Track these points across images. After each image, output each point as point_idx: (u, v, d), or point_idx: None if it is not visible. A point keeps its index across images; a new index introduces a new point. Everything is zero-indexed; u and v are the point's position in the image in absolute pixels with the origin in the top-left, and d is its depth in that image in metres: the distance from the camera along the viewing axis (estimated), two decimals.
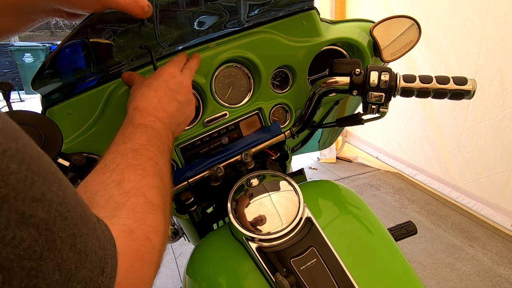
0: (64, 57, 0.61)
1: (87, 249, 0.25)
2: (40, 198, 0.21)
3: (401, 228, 1.01)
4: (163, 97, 0.58)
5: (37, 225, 0.21)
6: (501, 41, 1.86)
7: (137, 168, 0.43)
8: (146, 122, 0.52)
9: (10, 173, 0.19)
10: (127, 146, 0.46)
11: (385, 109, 0.69)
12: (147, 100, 0.56)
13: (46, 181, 0.22)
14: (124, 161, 0.44)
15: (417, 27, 0.83)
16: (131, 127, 0.51)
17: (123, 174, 0.41)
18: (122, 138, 0.48)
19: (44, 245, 0.21)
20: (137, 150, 0.46)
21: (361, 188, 2.81)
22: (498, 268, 1.95)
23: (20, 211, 0.20)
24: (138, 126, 0.51)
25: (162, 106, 0.57)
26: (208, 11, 0.77)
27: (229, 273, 0.66)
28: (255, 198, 0.69)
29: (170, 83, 0.60)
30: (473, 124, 2.13)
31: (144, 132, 0.50)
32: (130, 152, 0.45)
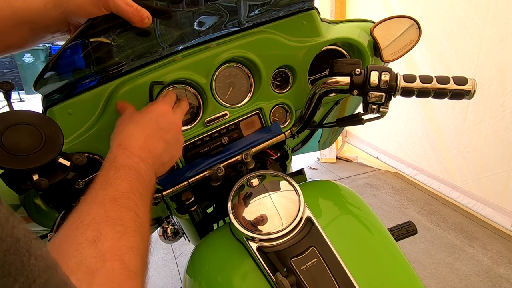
0: (66, 58, 0.61)
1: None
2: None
3: (401, 228, 1.01)
4: (150, 135, 0.56)
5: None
6: (501, 41, 1.86)
7: (116, 224, 0.39)
8: (129, 163, 0.49)
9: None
10: (107, 193, 0.43)
11: (386, 109, 0.70)
12: (133, 138, 0.54)
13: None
14: (102, 214, 0.40)
15: (417, 27, 0.83)
16: (113, 169, 0.48)
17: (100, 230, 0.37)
18: (103, 182, 0.45)
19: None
20: (117, 199, 0.43)
21: (361, 188, 2.81)
22: (498, 268, 1.95)
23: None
24: (121, 168, 0.48)
25: (147, 146, 0.54)
26: (208, 11, 0.77)
27: (229, 273, 0.67)
28: (256, 198, 0.69)
29: (161, 122, 0.58)
30: (473, 124, 2.13)
31: (126, 176, 0.47)
32: (109, 201, 0.42)
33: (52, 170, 0.53)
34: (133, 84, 0.68)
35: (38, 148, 0.49)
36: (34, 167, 0.48)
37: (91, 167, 0.70)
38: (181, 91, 0.74)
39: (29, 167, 0.48)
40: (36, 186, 0.48)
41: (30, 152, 0.48)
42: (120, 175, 0.47)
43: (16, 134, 0.48)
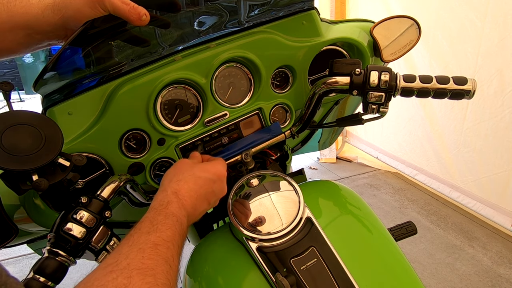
0: (65, 58, 0.61)
1: None
2: None
3: (401, 228, 1.01)
4: (202, 196, 0.59)
5: None
6: (500, 41, 1.86)
7: (148, 274, 0.41)
8: (179, 214, 0.53)
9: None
10: (150, 238, 0.45)
11: (385, 109, 0.70)
12: (189, 192, 0.57)
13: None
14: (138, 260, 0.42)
15: (417, 27, 0.83)
16: (163, 215, 0.51)
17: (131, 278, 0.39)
18: (149, 225, 0.48)
19: None
20: (158, 246, 0.45)
21: (361, 188, 2.81)
22: (498, 268, 1.95)
23: None
24: (170, 217, 0.51)
25: (196, 204, 0.58)
26: (208, 11, 0.77)
27: (229, 273, 0.67)
28: (255, 198, 0.69)
29: (215, 186, 0.62)
30: (472, 124, 2.13)
31: (172, 226, 0.49)
32: (149, 247, 0.44)
33: (52, 170, 0.53)
34: (133, 84, 0.68)
35: (37, 148, 0.49)
36: (34, 167, 0.48)
37: (91, 167, 0.70)
38: (181, 91, 0.74)
39: (29, 168, 0.48)
40: (36, 186, 0.48)
41: (30, 153, 0.48)
42: (167, 223, 0.49)
43: (15, 134, 0.48)
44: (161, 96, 0.71)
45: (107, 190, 0.60)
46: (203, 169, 0.63)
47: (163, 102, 0.72)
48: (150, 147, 0.73)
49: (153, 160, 0.73)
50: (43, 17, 0.54)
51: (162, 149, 0.74)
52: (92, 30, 0.58)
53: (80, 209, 0.55)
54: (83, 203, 0.56)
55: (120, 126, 0.69)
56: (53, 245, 0.52)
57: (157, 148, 0.73)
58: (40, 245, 0.92)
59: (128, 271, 0.39)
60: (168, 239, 0.47)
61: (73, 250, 0.53)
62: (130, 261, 0.41)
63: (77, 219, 0.54)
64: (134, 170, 0.72)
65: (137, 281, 0.39)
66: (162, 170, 0.76)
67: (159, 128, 0.71)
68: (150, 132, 0.72)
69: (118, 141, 0.70)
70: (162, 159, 0.74)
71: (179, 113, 0.74)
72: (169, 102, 0.73)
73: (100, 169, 0.71)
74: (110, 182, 0.61)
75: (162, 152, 0.74)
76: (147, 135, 0.72)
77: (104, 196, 0.59)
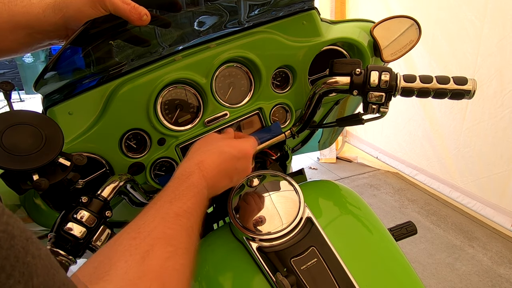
0: (66, 58, 0.61)
1: None
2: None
3: (401, 228, 1.01)
4: (224, 171, 0.59)
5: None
6: (499, 41, 1.86)
7: (169, 243, 0.42)
8: (200, 185, 0.53)
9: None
10: (172, 208, 0.47)
11: (386, 109, 0.70)
12: (212, 165, 0.58)
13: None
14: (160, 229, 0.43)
15: (417, 27, 0.83)
16: (185, 185, 0.52)
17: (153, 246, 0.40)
18: (172, 195, 0.49)
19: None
20: (179, 217, 0.46)
21: (361, 188, 2.81)
22: (498, 268, 1.95)
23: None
24: (192, 188, 0.52)
25: (217, 178, 0.58)
26: (208, 11, 0.77)
27: (229, 273, 0.67)
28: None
29: (239, 164, 0.62)
30: (472, 124, 2.13)
31: (193, 196, 0.50)
32: (171, 217, 0.45)
33: (52, 170, 0.53)
34: (133, 84, 0.68)
35: (38, 148, 0.49)
36: (34, 167, 0.48)
37: (91, 167, 0.70)
38: (181, 91, 0.74)
39: (29, 167, 0.48)
40: (36, 186, 0.48)
41: (30, 152, 0.48)
42: (188, 193, 0.50)
43: (16, 134, 0.48)
44: (161, 96, 0.71)
45: (108, 190, 0.60)
46: (230, 144, 0.63)
47: (163, 102, 0.72)
48: (150, 147, 0.73)
49: (153, 160, 0.73)
50: (44, 17, 0.54)
51: (162, 149, 0.74)
52: (93, 30, 0.58)
53: (81, 209, 0.55)
54: (83, 202, 0.56)
55: (120, 126, 0.69)
56: (54, 245, 0.52)
57: (158, 148, 0.73)
58: None
59: (150, 239, 0.41)
60: (189, 210, 0.48)
61: (74, 249, 0.53)
62: (152, 229, 0.42)
63: (78, 219, 0.54)
64: (134, 170, 0.72)
65: (158, 249, 0.40)
66: (163, 170, 0.76)
67: (160, 128, 0.71)
68: (150, 132, 0.72)
69: (118, 141, 0.70)
70: (162, 159, 0.74)
71: (179, 113, 0.74)
72: (170, 102, 0.73)
73: (100, 169, 0.71)
74: (111, 182, 0.61)
75: (163, 152, 0.74)
76: (147, 135, 0.72)
77: (105, 196, 0.59)
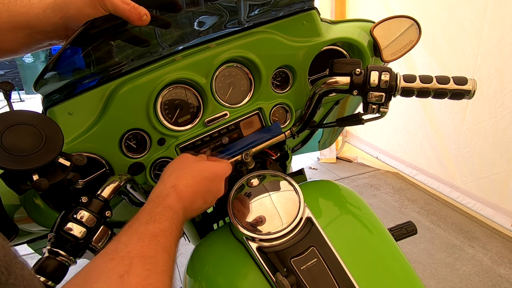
0: (66, 58, 0.61)
1: None
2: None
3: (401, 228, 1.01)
4: (198, 193, 0.60)
5: None
6: (499, 41, 1.86)
7: (148, 262, 0.41)
8: (176, 207, 0.53)
9: None
10: (149, 229, 0.46)
11: (386, 109, 0.70)
12: (187, 187, 0.58)
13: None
14: (138, 248, 0.42)
15: (417, 27, 0.83)
16: (161, 207, 0.52)
17: (131, 265, 0.40)
18: (148, 217, 0.49)
19: None
20: (157, 237, 0.46)
21: (361, 188, 2.81)
22: (498, 268, 1.95)
23: None
24: (168, 209, 0.52)
25: (193, 200, 0.59)
26: (208, 11, 0.77)
27: (229, 273, 0.67)
28: (256, 198, 0.69)
29: (212, 186, 0.63)
30: (472, 124, 2.13)
31: (169, 218, 0.50)
32: (148, 237, 0.45)
33: (52, 170, 0.53)
34: (133, 84, 0.68)
35: (38, 148, 0.49)
36: (34, 167, 0.48)
37: (91, 167, 0.70)
38: (181, 91, 0.74)
39: (29, 168, 0.48)
40: (36, 186, 0.48)
41: (30, 152, 0.48)
42: (165, 215, 0.50)
43: (16, 134, 0.48)
44: (161, 96, 0.71)
45: (108, 190, 0.60)
46: (203, 166, 0.63)
47: (163, 102, 0.72)
48: (150, 147, 0.73)
49: (153, 160, 0.73)
50: (44, 17, 0.54)
51: (162, 149, 0.74)
52: (93, 30, 0.58)
53: (81, 209, 0.55)
54: (83, 203, 0.56)
55: (120, 126, 0.69)
56: (54, 245, 0.52)
57: (157, 148, 0.73)
58: (40, 245, 0.92)
59: (128, 258, 0.40)
60: (166, 229, 0.48)
61: (74, 250, 0.53)
62: (131, 249, 0.42)
63: (78, 219, 0.54)
64: (134, 170, 0.72)
65: (137, 268, 0.39)
66: (162, 170, 0.76)
67: (159, 128, 0.71)
68: (150, 132, 0.72)
69: (118, 141, 0.70)
70: (162, 159, 0.74)
71: (179, 113, 0.74)
72: (169, 102, 0.73)
73: (100, 169, 0.71)
74: (111, 182, 0.61)
75: (163, 152, 0.74)
76: (147, 135, 0.72)
77: (105, 196, 0.59)
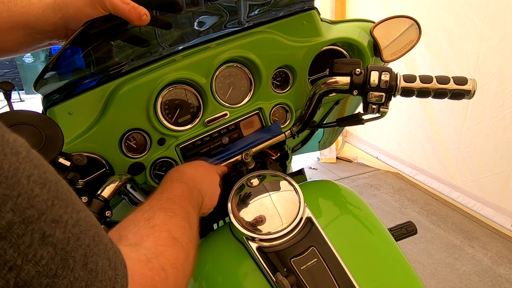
0: (66, 58, 0.61)
1: (98, 268, 0.26)
2: (58, 219, 0.23)
3: (401, 228, 1.01)
4: (199, 176, 0.65)
5: (55, 244, 0.22)
6: (500, 41, 1.86)
7: (168, 211, 0.47)
8: (183, 179, 0.59)
9: (34, 196, 0.22)
10: (164, 195, 0.52)
11: (386, 109, 0.70)
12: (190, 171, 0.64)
13: (64, 204, 0.24)
14: (158, 204, 0.48)
15: (417, 27, 0.83)
16: (169, 181, 0.57)
17: (154, 212, 0.46)
18: (160, 189, 0.55)
19: (58, 264, 0.22)
20: (172, 199, 0.51)
21: (361, 188, 2.81)
22: (498, 268, 1.95)
23: (42, 231, 0.22)
24: (176, 181, 0.58)
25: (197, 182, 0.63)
26: (208, 11, 0.77)
27: (229, 273, 0.67)
28: (256, 198, 0.69)
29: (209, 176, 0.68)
30: (473, 124, 2.13)
31: (179, 187, 0.56)
32: (165, 199, 0.51)
33: None
34: (133, 84, 0.68)
35: (38, 148, 0.49)
36: None
37: (91, 167, 0.70)
38: (181, 91, 0.74)
39: None
40: None
41: None
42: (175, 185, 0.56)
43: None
44: (161, 96, 0.71)
45: (108, 190, 0.60)
46: (201, 163, 0.69)
47: (163, 102, 0.72)
48: (150, 147, 0.73)
49: (153, 160, 0.73)
50: (43, 17, 0.54)
51: (162, 149, 0.74)
52: (93, 30, 0.58)
53: None
54: (83, 202, 0.56)
55: (120, 126, 0.69)
56: None
57: (157, 148, 0.73)
58: None
59: (152, 210, 0.46)
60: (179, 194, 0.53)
61: None
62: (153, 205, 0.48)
63: None
64: (134, 170, 0.72)
65: (160, 214, 0.46)
66: (162, 170, 0.76)
67: (159, 128, 0.71)
68: (150, 132, 0.72)
69: (118, 141, 0.70)
70: (162, 159, 0.74)
71: (179, 113, 0.74)
72: (169, 102, 0.73)
73: (100, 169, 0.71)
74: (111, 182, 0.61)
75: (162, 152, 0.74)
76: (147, 135, 0.72)
77: (105, 196, 0.59)
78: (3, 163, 0.20)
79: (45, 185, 0.23)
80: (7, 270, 0.19)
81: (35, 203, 0.21)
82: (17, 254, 0.20)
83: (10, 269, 0.19)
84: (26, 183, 0.21)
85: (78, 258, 0.24)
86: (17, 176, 0.21)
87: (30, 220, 0.21)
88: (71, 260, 0.24)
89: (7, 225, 0.19)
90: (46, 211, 0.22)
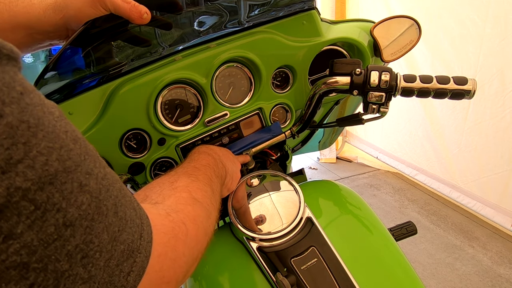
0: (66, 58, 0.61)
1: (127, 216, 0.29)
2: (90, 172, 0.26)
3: (401, 228, 1.01)
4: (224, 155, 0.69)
5: (90, 192, 0.26)
6: (501, 41, 1.86)
7: (191, 176, 0.51)
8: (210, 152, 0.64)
9: (70, 150, 0.25)
10: (190, 164, 0.56)
11: (386, 109, 0.70)
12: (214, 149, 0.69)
13: (92, 159, 0.27)
14: (183, 171, 0.53)
15: (417, 27, 0.83)
16: (196, 153, 0.63)
17: (178, 177, 0.50)
18: (187, 159, 0.59)
19: (94, 210, 0.26)
20: (197, 167, 0.55)
21: (361, 188, 2.81)
22: (498, 268, 1.95)
23: (79, 180, 0.25)
24: (203, 153, 0.63)
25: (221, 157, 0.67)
26: (208, 11, 0.77)
27: (229, 272, 0.67)
28: (256, 198, 0.69)
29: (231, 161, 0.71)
30: (473, 124, 2.13)
31: (206, 158, 0.60)
32: (191, 167, 0.55)
33: None
34: (133, 84, 0.68)
35: None
36: None
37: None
38: (182, 91, 0.74)
39: None
40: None
41: None
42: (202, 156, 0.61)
43: None
44: (161, 96, 0.71)
45: None
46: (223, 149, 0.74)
47: (163, 102, 0.72)
48: (150, 147, 0.73)
49: (153, 160, 0.73)
50: (44, 17, 0.54)
51: (162, 149, 0.74)
52: (93, 30, 0.58)
53: None
54: None
55: (121, 126, 0.69)
56: None
57: (158, 148, 0.73)
58: None
59: (176, 175, 0.50)
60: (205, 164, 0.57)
61: None
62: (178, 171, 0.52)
63: None
64: (134, 170, 0.72)
65: (184, 178, 0.49)
66: (163, 170, 0.76)
67: (160, 128, 0.71)
68: (150, 132, 0.72)
69: (118, 140, 0.70)
70: (162, 159, 0.74)
71: (179, 113, 0.74)
72: (170, 102, 0.73)
73: None
74: None
75: (163, 152, 0.74)
76: (147, 135, 0.72)
77: None
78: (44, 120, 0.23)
79: (77, 141, 0.26)
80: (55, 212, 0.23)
81: (72, 155, 0.25)
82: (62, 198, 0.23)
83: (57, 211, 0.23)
84: (65, 137, 0.25)
85: (109, 206, 0.27)
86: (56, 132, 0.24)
87: (69, 170, 0.24)
88: (104, 208, 0.27)
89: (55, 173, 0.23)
90: (80, 164, 0.25)
